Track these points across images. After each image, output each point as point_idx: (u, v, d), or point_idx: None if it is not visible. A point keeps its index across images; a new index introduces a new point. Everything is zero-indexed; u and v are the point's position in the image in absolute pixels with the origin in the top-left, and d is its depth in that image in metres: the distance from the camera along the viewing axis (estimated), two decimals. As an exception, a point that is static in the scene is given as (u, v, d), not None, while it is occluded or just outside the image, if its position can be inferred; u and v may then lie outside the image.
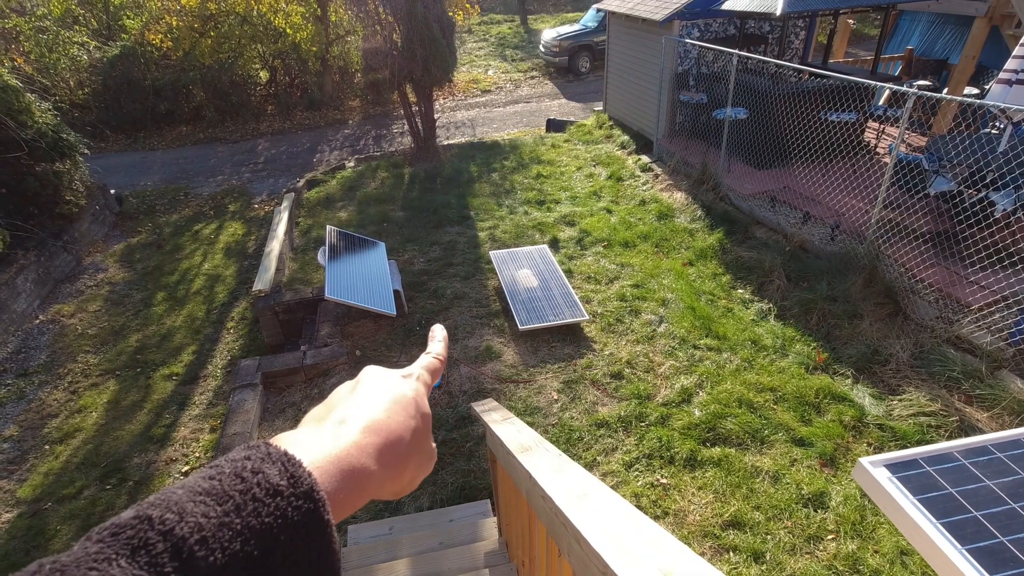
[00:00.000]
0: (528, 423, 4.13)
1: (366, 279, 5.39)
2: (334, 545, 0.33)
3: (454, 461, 3.96)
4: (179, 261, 7.46)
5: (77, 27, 13.15)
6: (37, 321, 6.35)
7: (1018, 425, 3.62)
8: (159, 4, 12.53)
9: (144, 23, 12.78)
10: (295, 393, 4.86)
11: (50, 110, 7.64)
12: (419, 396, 0.48)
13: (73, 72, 12.38)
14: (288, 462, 0.33)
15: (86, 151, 8.05)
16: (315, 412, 0.44)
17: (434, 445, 0.49)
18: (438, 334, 0.57)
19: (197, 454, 4.45)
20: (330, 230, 5.87)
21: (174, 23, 11.85)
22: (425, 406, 0.48)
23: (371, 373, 0.48)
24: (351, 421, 0.41)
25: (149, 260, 7.53)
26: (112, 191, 8.88)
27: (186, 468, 4.33)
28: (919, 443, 3.67)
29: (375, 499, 0.41)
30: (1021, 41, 4.70)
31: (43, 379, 5.46)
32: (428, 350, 0.55)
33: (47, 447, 4.65)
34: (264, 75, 14.41)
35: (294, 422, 4.56)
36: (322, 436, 0.39)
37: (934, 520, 0.87)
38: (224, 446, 4.23)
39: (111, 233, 8.39)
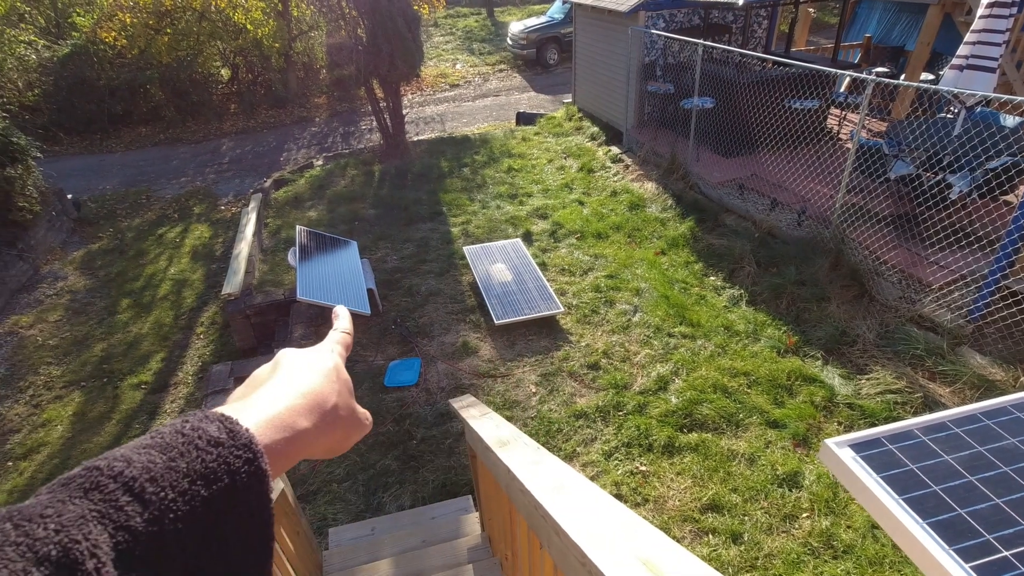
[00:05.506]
0: (507, 417, 4.14)
1: (339, 279, 5.31)
2: (270, 492, 0.36)
3: (434, 458, 3.94)
4: (143, 266, 7.24)
5: (23, 25, 12.60)
6: (-6, 334, 6.10)
7: (979, 398, 3.77)
8: (111, 0, 12.08)
9: (96, 20, 12.29)
10: (270, 397, 4.77)
11: (-2, 113, 7.31)
12: (338, 364, 0.50)
13: (21, 72, 11.86)
14: (225, 420, 0.36)
15: (39, 155, 7.74)
16: (238, 393, 0.46)
17: (364, 411, 0.51)
18: (341, 312, 0.60)
19: (170, 464, 4.34)
20: (300, 230, 5.76)
21: (127, 20, 11.42)
22: (344, 373, 0.50)
23: (288, 353, 0.50)
24: (279, 389, 0.43)
25: (111, 266, 7.29)
26: (69, 196, 8.56)
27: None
28: (887, 420, 3.80)
29: (309, 458, 0.44)
30: (972, 28, 4.86)
31: (2, 394, 5.25)
32: (335, 327, 0.58)
33: (10, 464, 4.48)
34: (226, 73, 14.03)
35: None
36: (254, 404, 0.41)
37: (896, 496, 0.89)
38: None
39: (69, 240, 8.09)
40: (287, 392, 0.43)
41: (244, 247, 6.31)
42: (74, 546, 0.27)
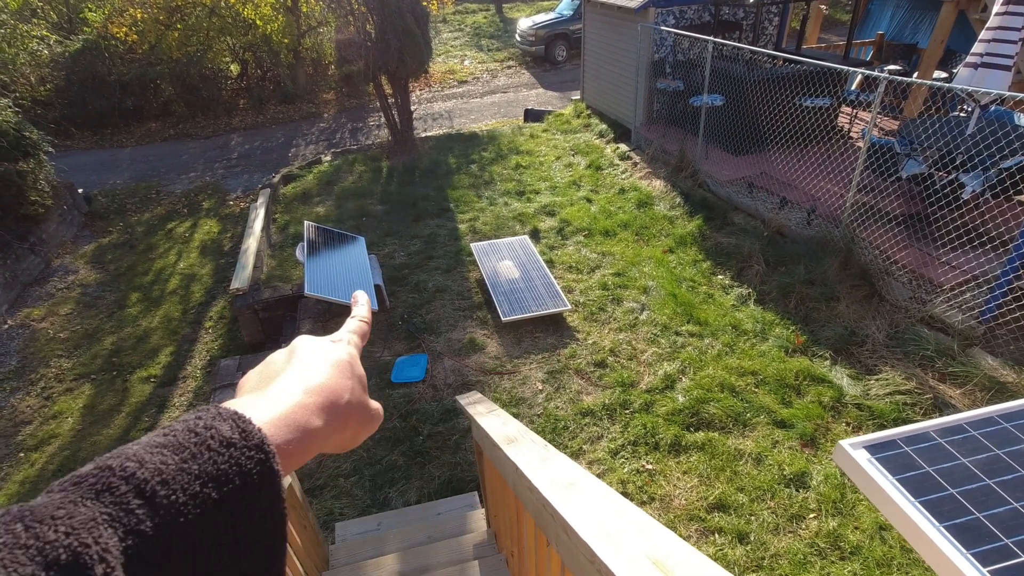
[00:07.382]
0: (513, 414, 4.14)
1: (346, 274, 5.32)
2: (282, 493, 0.36)
3: (440, 455, 3.95)
4: (153, 261, 7.29)
5: (35, 20, 12.70)
6: (6, 326, 6.17)
7: (990, 401, 3.74)
8: (122, -4, 12.15)
9: (107, 15, 12.37)
10: (277, 392, 4.80)
11: (10, 107, 7.38)
12: (352, 358, 0.50)
13: (34, 67, 11.96)
14: (238, 419, 0.35)
15: (51, 149, 7.81)
16: (252, 381, 0.46)
17: (376, 404, 0.51)
18: (360, 299, 0.60)
19: (178, 457, 4.38)
20: (308, 225, 5.78)
21: (138, 15, 11.49)
22: (359, 367, 0.50)
23: (304, 342, 0.50)
24: (292, 385, 0.43)
25: (121, 260, 7.35)
26: (80, 190, 8.63)
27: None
28: (896, 421, 3.77)
29: (321, 452, 0.44)
30: (987, 25, 4.79)
31: (14, 385, 5.31)
32: (352, 314, 0.58)
33: (22, 455, 4.54)
34: (235, 68, 14.08)
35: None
36: (267, 399, 0.41)
37: (912, 499, 0.89)
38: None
39: (80, 234, 8.16)
40: (301, 388, 0.43)
41: (252, 242, 6.34)
42: (84, 550, 0.26)
